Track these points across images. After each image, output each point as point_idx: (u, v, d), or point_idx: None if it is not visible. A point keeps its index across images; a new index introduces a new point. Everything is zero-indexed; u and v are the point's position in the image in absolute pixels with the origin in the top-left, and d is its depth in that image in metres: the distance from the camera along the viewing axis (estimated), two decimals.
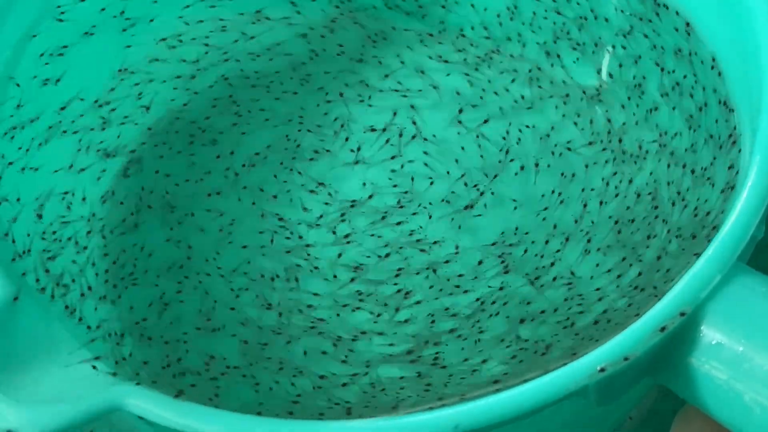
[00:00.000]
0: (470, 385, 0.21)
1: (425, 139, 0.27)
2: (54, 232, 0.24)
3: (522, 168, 0.26)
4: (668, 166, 0.24)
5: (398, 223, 0.26)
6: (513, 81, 0.28)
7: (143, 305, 0.25)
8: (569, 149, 0.26)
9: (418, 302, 0.24)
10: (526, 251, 0.25)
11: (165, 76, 0.28)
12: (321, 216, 0.26)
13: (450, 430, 0.17)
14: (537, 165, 0.26)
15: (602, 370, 0.17)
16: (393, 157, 0.27)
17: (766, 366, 0.17)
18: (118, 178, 0.26)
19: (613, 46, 0.26)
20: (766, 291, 0.18)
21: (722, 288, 0.18)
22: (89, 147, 0.26)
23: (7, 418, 0.17)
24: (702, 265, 0.18)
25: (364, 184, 0.27)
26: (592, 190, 0.25)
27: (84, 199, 0.25)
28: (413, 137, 0.27)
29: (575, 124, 0.27)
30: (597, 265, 0.24)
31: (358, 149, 0.27)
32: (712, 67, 0.23)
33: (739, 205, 0.19)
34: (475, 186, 0.26)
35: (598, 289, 0.23)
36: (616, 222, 0.24)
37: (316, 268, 0.25)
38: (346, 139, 0.27)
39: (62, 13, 0.25)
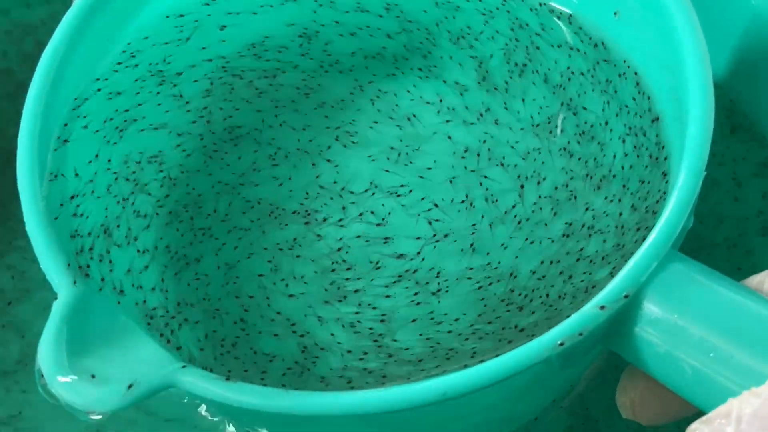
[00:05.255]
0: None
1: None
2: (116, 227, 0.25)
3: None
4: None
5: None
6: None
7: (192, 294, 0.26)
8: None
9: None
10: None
11: None
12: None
13: (440, 396, 0.19)
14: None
15: (561, 344, 0.19)
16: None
17: (696, 336, 0.20)
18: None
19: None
20: (695, 274, 0.20)
21: (659, 272, 0.20)
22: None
23: (84, 396, 0.19)
24: (641, 254, 0.20)
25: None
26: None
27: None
28: None
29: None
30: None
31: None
32: (637, 83, 0.25)
33: (671, 202, 0.20)
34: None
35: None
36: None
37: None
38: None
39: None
